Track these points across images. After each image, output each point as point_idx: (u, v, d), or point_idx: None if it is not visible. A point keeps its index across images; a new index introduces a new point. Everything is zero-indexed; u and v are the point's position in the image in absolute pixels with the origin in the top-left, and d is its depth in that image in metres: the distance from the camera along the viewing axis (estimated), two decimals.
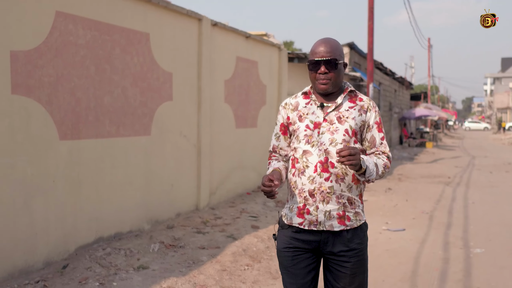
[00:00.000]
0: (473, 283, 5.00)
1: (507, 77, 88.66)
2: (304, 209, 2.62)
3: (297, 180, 2.63)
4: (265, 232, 6.17)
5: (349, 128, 2.65)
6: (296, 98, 2.80)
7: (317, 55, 2.64)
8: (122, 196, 5.41)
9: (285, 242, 2.70)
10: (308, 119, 2.68)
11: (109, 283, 4.08)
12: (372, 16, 16.17)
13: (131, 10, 5.49)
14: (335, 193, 2.60)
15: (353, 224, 2.64)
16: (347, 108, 2.70)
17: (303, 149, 2.64)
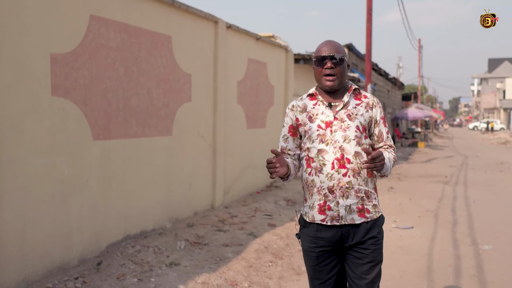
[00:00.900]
0: (487, 278, 5.20)
1: (494, 77, 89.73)
2: (325, 206, 2.73)
3: (315, 179, 2.74)
4: (282, 230, 6.33)
5: (359, 124, 2.77)
6: (303, 100, 2.90)
7: (323, 52, 2.76)
8: (146, 195, 5.54)
9: (309, 241, 2.82)
10: (319, 119, 2.78)
11: (147, 279, 4.21)
12: (370, 18, 16.42)
13: (155, 13, 5.62)
14: (353, 188, 2.71)
15: (372, 216, 2.76)
16: (355, 106, 2.81)
17: (317, 148, 2.75)
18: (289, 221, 6.84)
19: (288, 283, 4.83)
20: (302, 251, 2.89)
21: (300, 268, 5.29)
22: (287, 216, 7.13)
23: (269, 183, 9.23)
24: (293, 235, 6.26)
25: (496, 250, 6.31)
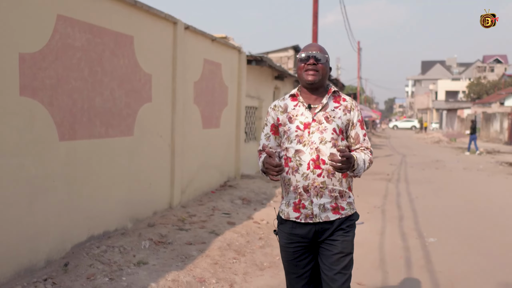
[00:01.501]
0: (435, 268, 5.59)
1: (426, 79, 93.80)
2: (299, 204, 2.86)
3: (291, 178, 2.86)
4: (242, 227, 6.49)
5: (336, 127, 2.88)
6: (284, 101, 3.01)
7: (308, 51, 2.91)
8: (109, 195, 5.55)
9: (285, 238, 2.95)
10: (298, 120, 2.90)
11: (118, 278, 4.26)
12: (316, 21, 16.86)
13: (118, 14, 5.62)
14: (327, 188, 2.84)
15: (347, 212, 2.90)
16: (333, 108, 2.93)
17: (295, 149, 2.86)
18: (247, 219, 7.01)
19: (253, 279, 5.00)
20: (280, 246, 3.01)
21: (262, 264, 5.48)
22: (244, 214, 7.29)
23: (223, 183, 9.36)
24: (253, 232, 6.44)
25: (441, 242, 6.76)
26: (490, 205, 9.76)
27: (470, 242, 6.81)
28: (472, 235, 7.21)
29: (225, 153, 9.45)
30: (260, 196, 8.63)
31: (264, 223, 6.97)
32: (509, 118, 34.50)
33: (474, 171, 16.13)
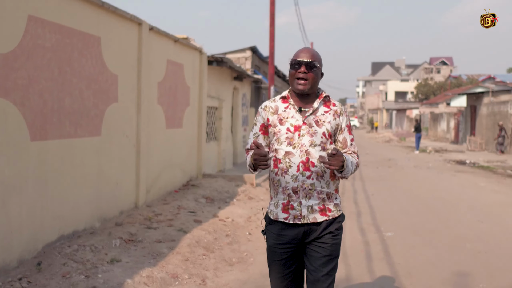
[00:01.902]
0: (393, 260, 5.91)
1: (377, 80, 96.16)
2: (288, 205, 2.89)
3: (281, 179, 2.90)
4: (209, 225, 6.63)
5: (326, 131, 2.92)
6: (275, 102, 3.02)
7: (300, 57, 2.91)
8: (79, 195, 5.58)
9: (274, 238, 2.97)
10: (289, 122, 2.92)
11: (94, 275, 4.32)
12: (273, 22, 17.14)
13: (87, 14, 5.66)
14: (316, 189, 2.88)
15: (334, 214, 2.94)
16: (323, 113, 2.96)
17: (285, 151, 2.89)
18: (212, 217, 7.15)
19: (224, 274, 5.17)
20: (267, 246, 3.03)
21: (231, 259, 5.65)
22: (209, 212, 7.43)
23: (186, 182, 9.46)
24: (220, 230, 6.60)
25: (398, 236, 7.12)
26: (441, 201, 10.28)
27: (424, 235, 7.21)
28: (426, 229, 7.62)
29: (187, 153, 9.55)
30: (223, 195, 8.79)
31: (230, 221, 7.14)
32: (455, 118, 35.98)
33: (424, 169, 16.84)
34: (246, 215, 7.71)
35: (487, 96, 28.46)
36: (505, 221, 8.37)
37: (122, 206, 6.72)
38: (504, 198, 10.77)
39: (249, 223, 7.33)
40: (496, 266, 5.74)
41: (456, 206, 9.77)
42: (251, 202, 8.74)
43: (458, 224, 8.04)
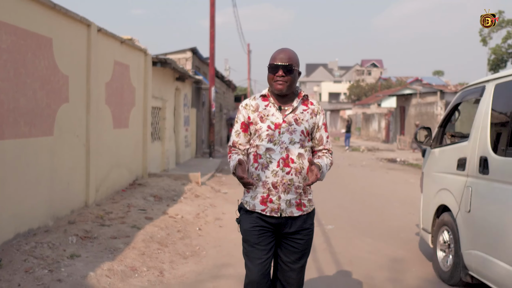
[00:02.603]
0: (335, 250, 6.39)
1: (311, 81, 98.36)
2: (267, 198, 3.02)
3: (261, 174, 3.01)
4: (160, 222, 6.85)
5: (304, 129, 3.06)
6: (256, 100, 3.13)
7: (277, 60, 3.01)
8: (33, 194, 5.65)
9: (251, 222, 3.06)
10: (269, 120, 3.04)
11: (57, 269, 4.47)
12: (213, 24, 17.43)
13: (40, 16, 5.73)
14: (294, 184, 3.01)
15: (308, 209, 3.10)
16: (302, 111, 3.09)
17: (266, 147, 3.02)
18: (162, 215, 7.37)
19: (179, 266, 5.43)
20: (242, 233, 3.11)
21: (185, 253, 5.92)
22: (159, 210, 7.64)
23: (132, 181, 9.58)
24: (171, 226, 6.83)
25: (338, 229, 7.64)
26: (375, 196, 10.99)
27: (362, 227, 7.78)
28: (362, 222, 8.20)
29: (133, 153, 9.68)
30: (170, 193, 8.99)
31: (179, 217, 7.38)
32: (385, 118, 37.67)
33: (358, 167, 17.70)
34: (194, 212, 7.97)
35: (415, 98, 30.09)
36: None
37: (73, 205, 6.81)
38: None
39: (198, 219, 7.60)
40: (427, 252, 6.34)
41: (389, 200, 10.49)
42: (198, 200, 9.01)
43: (392, 217, 8.69)
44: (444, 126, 5.91)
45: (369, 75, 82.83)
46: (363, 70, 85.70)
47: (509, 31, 31.92)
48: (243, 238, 3.12)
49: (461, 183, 4.91)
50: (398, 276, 5.44)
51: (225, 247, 6.32)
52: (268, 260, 3.07)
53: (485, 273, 4.36)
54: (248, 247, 3.08)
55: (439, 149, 5.80)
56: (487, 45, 33.17)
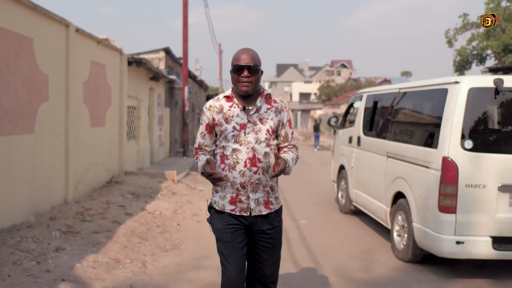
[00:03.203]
0: (309, 243, 6.69)
1: (282, 81, 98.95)
2: (236, 198, 3.05)
3: (228, 174, 3.03)
4: (140, 217, 7.04)
5: (269, 128, 3.08)
6: (219, 101, 3.12)
7: (241, 61, 3.00)
8: (16, 190, 5.78)
9: (224, 221, 3.09)
10: (234, 121, 3.05)
11: (44, 261, 4.64)
12: (186, 24, 17.58)
13: (21, 17, 5.86)
14: (262, 183, 3.06)
15: (275, 207, 3.16)
16: (266, 110, 3.11)
17: (232, 148, 3.03)
18: (141, 211, 7.54)
19: (161, 258, 5.65)
20: (215, 232, 3.13)
21: (165, 246, 6.13)
22: (137, 206, 7.81)
23: (109, 179, 9.70)
24: (150, 221, 7.02)
25: (311, 223, 7.95)
26: None
27: (333, 222, 8.11)
28: (334, 217, 8.54)
29: (110, 151, 9.80)
30: (147, 191, 9.16)
31: (158, 213, 7.57)
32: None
33: (329, 166, 18.07)
34: (172, 208, 8.17)
35: None
36: None
37: (53, 202, 6.93)
38: None
39: (175, 215, 7.81)
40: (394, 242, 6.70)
41: None
42: (174, 197, 9.20)
43: (362, 212, 9.05)
44: (345, 116, 9.35)
45: (339, 76, 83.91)
46: (333, 71, 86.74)
47: (474, 34, 32.99)
48: (216, 237, 3.13)
49: (350, 151, 8.35)
50: (369, 265, 5.77)
51: (203, 240, 6.55)
52: (243, 257, 3.10)
53: (359, 202, 7.84)
54: (223, 246, 3.09)
55: (341, 131, 9.16)
56: (453, 47, 34.23)
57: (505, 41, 29.46)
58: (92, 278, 4.55)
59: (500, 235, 5.10)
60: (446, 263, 5.71)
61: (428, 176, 5.39)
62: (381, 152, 6.85)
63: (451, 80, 5.38)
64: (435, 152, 5.34)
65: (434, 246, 5.23)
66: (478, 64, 34.11)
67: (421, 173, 5.60)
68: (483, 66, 33.16)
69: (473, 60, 34.15)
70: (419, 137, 5.93)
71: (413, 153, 5.86)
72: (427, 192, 5.39)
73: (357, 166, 7.86)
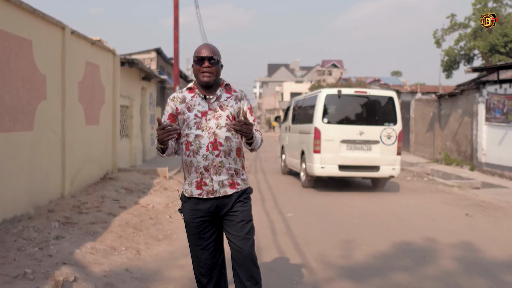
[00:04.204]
0: (294, 234, 7.09)
1: (273, 81, 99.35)
2: (201, 182, 3.22)
3: (193, 160, 3.22)
4: (133, 210, 7.41)
5: (229, 114, 3.28)
6: (182, 93, 3.34)
7: (202, 53, 3.22)
8: (17, 184, 6.13)
9: (189, 214, 3.29)
10: (196, 109, 3.25)
11: (46, 247, 5.00)
12: (177, 25, 17.89)
13: (21, 20, 6.22)
14: (225, 166, 3.23)
15: (242, 187, 3.33)
16: (226, 98, 3.31)
17: (195, 134, 3.22)
18: (135, 204, 7.91)
19: (154, 246, 6.03)
20: (184, 223, 3.35)
21: (158, 236, 6.51)
22: (131, 200, 8.18)
23: (103, 176, 10.05)
24: (144, 214, 7.40)
25: (297, 216, 8.36)
26: (332, 188, 11.79)
27: (319, 215, 8.52)
28: (319, 210, 8.96)
29: (104, 148, 10.15)
30: (140, 186, 9.53)
31: (150, 207, 7.94)
32: None
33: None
34: (164, 202, 8.55)
35: None
36: (383, 202, 9.97)
37: (51, 196, 7.29)
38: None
39: (167, 209, 8.18)
40: (375, 234, 7.12)
41: (344, 191, 11.30)
42: (166, 192, 9.58)
43: (346, 206, 9.48)
44: (285, 115, 14.75)
45: (330, 75, 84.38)
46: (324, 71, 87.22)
47: (461, 34, 33.55)
48: (185, 227, 3.37)
49: (285, 135, 14.15)
50: (348, 253, 6.18)
51: None
52: (209, 246, 3.34)
53: (291, 164, 13.41)
54: (190, 236, 3.35)
55: (283, 124, 14.84)
56: (441, 47, 34.76)
57: (491, 42, 30.02)
58: (90, 262, 4.92)
59: (342, 164, 10.83)
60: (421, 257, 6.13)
61: (310, 137, 11.05)
62: (297, 132, 12.56)
63: (319, 90, 11.34)
64: (312, 125, 11.00)
65: (312, 171, 10.96)
66: (466, 64, 34.63)
67: (308, 136, 11.25)
68: (470, 65, 33.74)
69: (460, 60, 34.69)
70: (308, 119, 11.58)
71: (306, 128, 11.56)
72: (309, 145, 11.05)
73: (289, 143, 13.60)
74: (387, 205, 9.55)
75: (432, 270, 5.43)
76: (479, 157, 15.39)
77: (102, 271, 4.80)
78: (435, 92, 25.36)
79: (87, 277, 4.48)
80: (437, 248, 6.37)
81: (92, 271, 4.72)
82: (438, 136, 19.20)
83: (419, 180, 13.76)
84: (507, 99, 13.92)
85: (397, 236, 6.94)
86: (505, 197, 10.51)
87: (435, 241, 6.73)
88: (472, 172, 15.40)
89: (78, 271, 4.48)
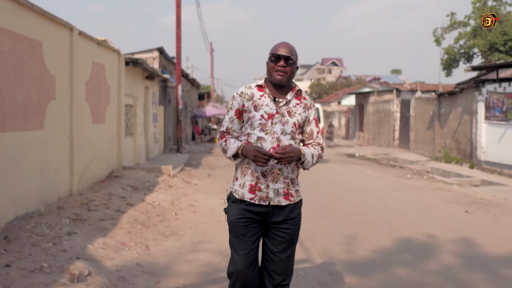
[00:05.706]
0: None
1: None
2: (256, 187, 3.05)
3: (251, 162, 3.04)
4: (141, 207, 7.58)
5: (296, 121, 3.11)
6: (251, 89, 3.15)
7: (280, 51, 3.06)
8: (28, 181, 6.30)
9: (237, 213, 3.08)
10: (263, 110, 3.07)
11: (60, 243, 5.17)
12: (179, 24, 18.08)
13: (32, 22, 6.37)
14: (283, 174, 3.07)
15: (295, 199, 3.15)
16: (295, 105, 3.14)
17: (257, 136, 3.05)
18: (141, 202, 8.08)
19: (162, 242, 6.20)
20: (229, 223, 3.12)
21: (165, 232, 6.68)
22: (137, 198, 8.35)
23: (108, 174, 10.22)
24: (151, 211, 7.57)
25: None
26: (334, 185, 11.97)
27: (321, 211, 8.70)
28: (322, 206, 9.13)
29: (109, 146, 10.32)
30: (145, 184, 9.70)
31: (157, 204, 8.11)
32: (345, 115, 39.02)
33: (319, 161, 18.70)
34: (169, 200, 8.72)
35: (373, 96, 31.43)
36: (384, 199, 10.15)
37: (60, 193, 7.45)
38: (385, 182, 12.72)
39: (173, 206, 8.35)
40: (376, 231, 7.29)
41: (346, 189, 11.49)
42: (171, 190, 9.75)
43: (348, 202, 9.66)
44: None
45: (330, 74, 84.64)
46: (324, 69, 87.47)
47: (461, 32, 33.70)
48: (229, 228, 3.14)
49: None
50: (351, 248, 6.35)
51: (200, 228, 7.11)
52: (253, 251, 3.10)
53: None
54: (234, 238, 3.10)
55: None
56: (440, 46, 34.90)
57: (491, 40, 30.17)
58: (103, 257, 5.09)
59: None
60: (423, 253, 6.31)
61: None
62: None
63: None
64: None
65: None
66: (465, 63, 34.77)
67: None
68: (470, 64, 33.88)
69: (460, 58, 34.83)
70: None
71: None
72: None
73: None
74: (387, 202, 9.73)
75: (433, 265, 5.60)
76: (479, 155, 15.58)
77: (114, 266, 4.97)
78: (435, 90, 25.53)
79: (100, 271, 4.65)
80: (437, 244, 6.54)
81: (105, 266, 4.89)
82: (438, 134, 19.39)
83: (419, 178, 13.95)
84: (506, 97, 14.10)
85: (398, 233, 7.12)
86: (504, 195, 10.70)
87: (435, 237, 6.90)
88: (471, 170, 15.59)
89: (91, 266, 4.65)
